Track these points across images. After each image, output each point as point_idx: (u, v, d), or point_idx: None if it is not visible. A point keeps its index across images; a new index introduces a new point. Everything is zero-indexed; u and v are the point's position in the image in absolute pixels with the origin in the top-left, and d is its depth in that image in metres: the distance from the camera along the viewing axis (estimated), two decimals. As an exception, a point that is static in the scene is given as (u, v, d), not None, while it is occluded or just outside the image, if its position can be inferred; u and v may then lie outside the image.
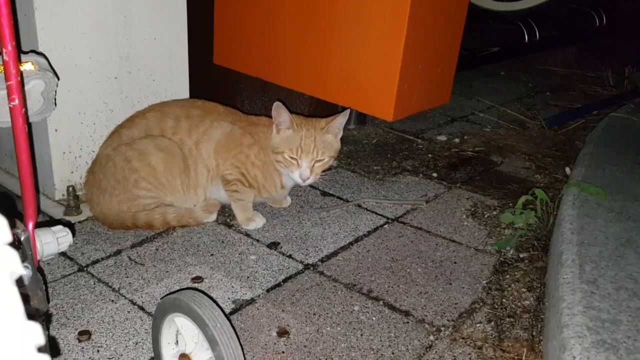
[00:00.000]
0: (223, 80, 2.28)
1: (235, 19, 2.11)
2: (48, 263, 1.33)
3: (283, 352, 1.08)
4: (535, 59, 3.67)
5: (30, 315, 0.71)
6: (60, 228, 0.72)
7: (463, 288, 1.31)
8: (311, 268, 1.37)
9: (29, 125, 0.58)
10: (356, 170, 1.94)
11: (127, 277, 1.30)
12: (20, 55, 1.10)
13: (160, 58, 1.69)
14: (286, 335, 1.13)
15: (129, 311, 1.19)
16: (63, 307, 1.18)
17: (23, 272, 0.32)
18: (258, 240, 1.48)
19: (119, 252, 1.39)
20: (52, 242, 0.70)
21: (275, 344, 1.11)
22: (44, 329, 0.69)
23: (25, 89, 1.05)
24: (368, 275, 1.35)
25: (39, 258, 0.69)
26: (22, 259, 0.64)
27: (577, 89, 3.07)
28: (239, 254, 1.41)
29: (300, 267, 1.37)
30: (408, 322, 1.18)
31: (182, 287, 1.27)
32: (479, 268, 1.40)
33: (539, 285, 1.33)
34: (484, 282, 1.34)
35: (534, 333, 1.16)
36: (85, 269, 1.32)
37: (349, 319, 1.19)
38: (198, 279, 1.30)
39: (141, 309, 1.20)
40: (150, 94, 1.70)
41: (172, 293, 0.92)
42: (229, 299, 1.24)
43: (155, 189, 1.46)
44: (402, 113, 1.86)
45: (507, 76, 3.33)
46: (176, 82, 1.76)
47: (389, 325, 1.17)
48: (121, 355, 1.06)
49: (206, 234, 1.49)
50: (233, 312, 1.20)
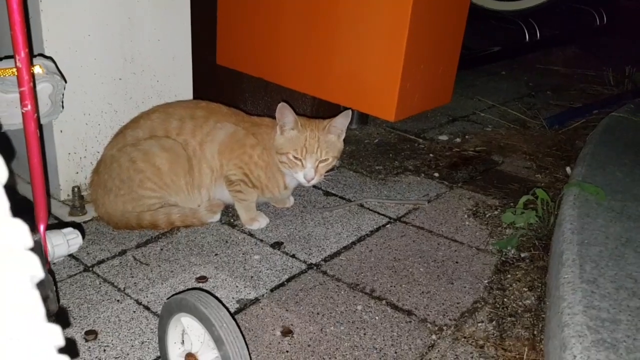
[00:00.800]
0: (226, 81, 2.29)
1: (238, 19, 2.12)
2: (54, 263, 1.34)
3: (287, 352, 1.10)
4: (536, 58, 3.68)
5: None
6: (70, 230, 0.73)
7: (465, 287, 1.33)
8: (314, 268, 1.38)
9: (40, 128, 0.59)
10: (358, 170, 1.95)
11: (133, 277, 1.31)
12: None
13: (164, 59, 1.70)
14: (290, 335, 1.14)
15: (134, 311, 1.20)
16: (69, 307, 1.20)
17: (43, 275, 0.34)
18: (262, 240, 1.49)
19: (124, 252, 1.41)
20: (63, 244, 0.71)
21: (279, 343, 1.12)
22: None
23: (33, 91, 1.07)
24: (371, 274, 1.36)
25: (49, 260, 0.70)
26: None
27: (578, 89, 3.08)
28: (243, 254, 1.42)
29: (303, 267, 1.38)
30: (410, 322, 1.20)
31: (187, 287, 1.29)
32: (480, 267, 1.41)
33: (540, 284, 1.34)
34: (486, 282, 1.36)
35: (535, 332, 1.17)
36: (90, 269, 1.34)
37: (352, 318, 1.20)
38: (202, 279, 1.31)
39: (147, 308, 1.21)
40: (154, 94, 1.71)
41: (178, 293, 0.93)
42: (233, 298, 1.26)
43: (160, 189, 1.47)
44: (404, 113, 1.87)
45: (508, 75, 3.34)
46: (180, 83, 1.78)
47: (391, 324, 1.19)
48: (127, 354, 1.08)
49: (210, 234, 1.51)
50: (237, 312, 1.21)
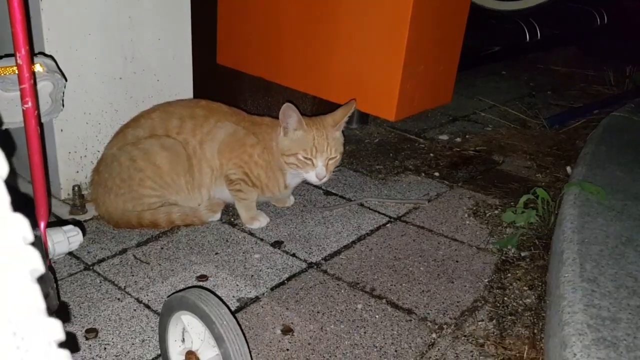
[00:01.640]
0: (226, 81, 2.30)
1: (238, 19, 2.12)
2: (54, 261, 1.34)
3: (287, 350, 1.10)
4: (537, 58, 3.68)
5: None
6: (71, 227, 0.73)
7: (465, 286, 1.33)
8: (315, 267, 1.38)
9: (41, 126, 0.59)
10: (359, 170, 1.95)
11: (133, 276, 1.32)
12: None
13: (164, 58, 1.70)
14: (290, 333, 1.14)
15: (135, 309, 1.20)
16: (70, 305, 1.20)
17: (44, 270, 0.34)
18: (262, 239, 1.49)
19: (124, 251, 1.41)
20: (63, 242, 0.71)
21: (279, 341, 1.12)
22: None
23: (33, 90, 1.07)
24: (371, 273, 1.36)
25: (50, 257, 0.70)
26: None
27: (578, 88, 3.09)
28: (243, 253, 1.42)
29: (303, 266, 1.38)
30: (411, 320, 1.20)
31: (188, 286, 1.29)
32: (480, 267, 1.41)
33: (540, 283, 1.34)
34: (486, 281, 1.36)
35: (535, 331, 1.17)
36: (91, 267, 1.34)
37: (352, 316, 1.20)
38: (203, 278, 1.31)
39: (147, 307, 1.21)
40: (155, 94, 1.71)
41: (179, 291, 0.93)
42: (233, 297, 1.26)
43: (161, 188, 1.48)
44: (405, 113, 1.87)
45: (509, 75, 3.34)
46: (180, 82, 1.78)
47: (391, 323, 1.19)
48: (128, 352, 1.08)
49: (210, 232, 1.51)
50: (238, 310, 1.21)
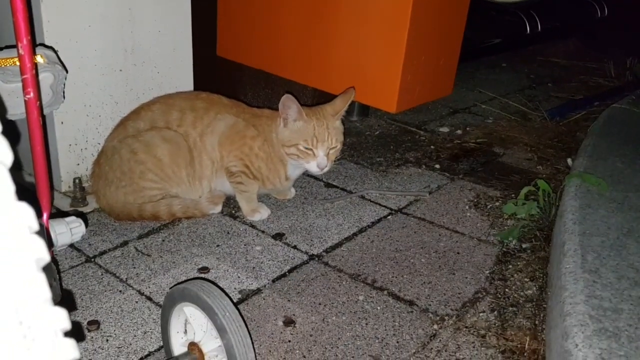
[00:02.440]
0: (227, 73, 2.29)
1: (238, 10, 2.12)
2: (55, 254, 1.34)
3: (289, 341, 1.10)
4: (537, 50, 3.67)
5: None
6: (73, 219, 0.73)
7: (466, 278, 1.33)
8: (316, 259, 1.38)
9: (43, 117, 0.59)
10: (359, 162, 1.95)
11: (135, 268, 1.32)
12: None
13: (164, 50, 1.70)
14: (292, 325, 1.14)
15: (137, 301, 1.20)
16: (73, 294, 1.20)
17: (48, 259, 0.33)
18: (263, 232, 1.49)
19: (125, 243, 1.41)
20: (66, 233, 0.71)
21: (281, 333, 1.12)
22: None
23: (34, 81, 1.06)
24: (372, 265, 1.36)
25: (53, 248, 0.70)
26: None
27: (579, 80, 3.08)
28: (245, 245, 1.42)
29: (305, 258, 1.38)
30: (412, 312, 1.20)
31: (189, 278, 1.29)
32: (482, 258, 1.41)
33: (542, 275, 1.34)
34: (487, 272, 1.36)
35: (537, 322, 1.18)
36: (92, 259, 1.34)
37: (354, 308, 1.20)
38: (204, 270, 1.32)
39: (149, 299, 1.21)
40: (155, 86, 1.71)
41: (181, 283, 0.93)
42: (235, 289, 1.26)
43: (162, 181, 1.47)
44: (405, 105, 1.86)
45: (509, 68, 3.33)
46: (180, 75, 1.77)
47: (393, 314, 1.19)
48: (130, 344, 1.08)
49: (212, 225, 1.51)
50: (240, 302, 1.22)
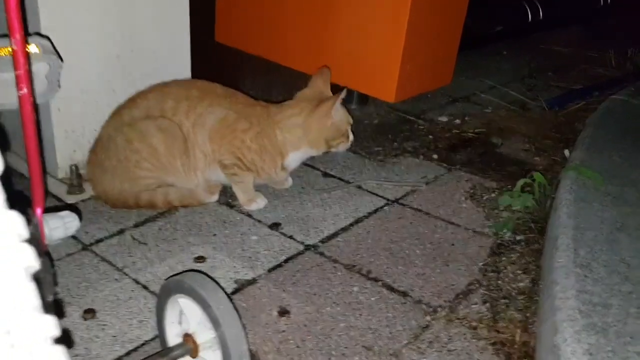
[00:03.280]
0: (225, 60, 2.28)
1: (237, -4, 2.10)
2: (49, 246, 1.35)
3: (284, 331, 1.11)
4: (539, 39, 3.64)
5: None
6: (67, 213, 0.74)
7: (460, 269, 1.34)
8: (312, 249, 1.39)
9: (36, 110, 0.59)
10: (357, 151, 1.95)
11: (131, 256, 1.33)
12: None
13: (162, 36, 1.69)
14: (287, 315, 1.16)
15: (132, 290, 1.21)
16: (68, 286, 1.21)
17: (38, 267, 0.34)
18: (259, 221, 1.50)
19: (122, 232, 1.42)
20: (60, 227, 0.71)
21: (276, 323, 1.14)
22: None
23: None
24: (367, 256, 1.37)
25: (46, 243, 0.71)
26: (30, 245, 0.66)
27: (580, 70, 3.06)
28: (241, 235, 1.43)
29: (301, 248, 1.39)
30: (406, 303, 1.21)
31: (185, 267, 1.30)
32: (476, 250, 1.42)
33: (535, 267, 1.35)
34: (481, 264, 1.37)
35: (528, 315, 1.19)
36: (89, 247, 1.35)
37: (348, 299, 1.22)
38: (200, 259, 1.33)
39: (145, 287, 1.23)
40: (152, 72, 1.70)
41: (176, 275, 0.94)
42: (231, 278, 1.27)
43: (157, 170, 1.48)
44: (404, 94, 1.86)
45: (510, 56, 3.31)
46: (178, 61, 1.76)
47: (387, 305, 1.20)
48: (126, 333, 1.10)
49: (208, 214, 1.51)
50: (235, 292, 1.23)
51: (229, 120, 1.50)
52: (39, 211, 0.68)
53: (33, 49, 1.07)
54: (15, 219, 0.35)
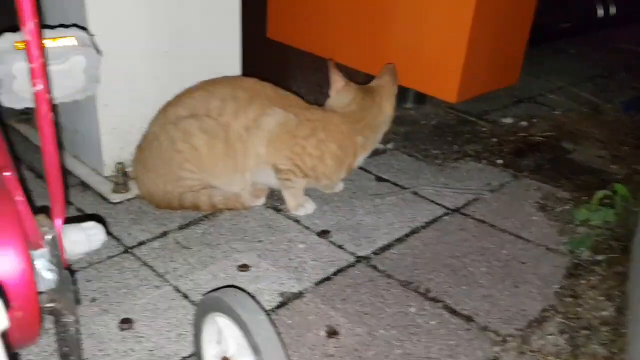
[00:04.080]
0: (275, 56, 2.19)
1: (291, -10, 2.01)
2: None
3: (332, 355, 1.01)
4: (609, 36, 3.38)
5: (60, 321, 0.65)
6: (92, 225, 0.66)
7: (532, 293, 1.19)
8: (363, 261, 1.28)
9: (55, 111, 0.52)
10: (413, 154, 1.82)
11: (172, 262, 1.25)
12: (60, 30, 1.04)
13: (212, 32, 1.61)
14: (335, 336, 1.05)
15: (172, 299, 1.14)
16: (106, 291, 1.14)
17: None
18: (307, 228, 1.40)
19: (165, 234, 1.35)
20: (83, 241, 0.64)
21: (323, 345, 1.03)
22: (75, 335, 0.64)
23: (65, 65, 1.00)
24: (426, 272, 1.25)
25: (66, 258, 0.63)
26: (49, 260, 0.58)
27: (657, 70, 2.81)
28: (287, 242, 1.33)
29: (351, 260, 1.28)
30: (470, 329, 1.08)
31: (228, 275, 1.21)
32: (549, 270, 1.27)
33: (619, 293, 1.19)
34: (556, 287, 1.22)
35: (614, 350, 1.03)
36: (130, 250, 1.28)
37: (404, 321, 1.10)
38: (244, 267, 1.24)
39: (185, 297, 1.15)
40: (201, 69, 1.62)
41: (216, 290, 0.85)
42: (275, 290, 1.17)
43: (200, 172, 1.40)
44: (466, 94, 1.72)
45: (578, 54, 3.09)
46: (228, 57, 1.68)
47: (448, 331, 1.07)
48: (163, 347, 1.02)
49: (254, 218, 1.42)
50: (280, 306, 1.13)
51: (289, 126, 1.40)
52: (58, 222, 0.60)
53: (69, 41, 1.00)
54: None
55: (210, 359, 0.89)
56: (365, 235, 1.37)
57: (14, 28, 1.02)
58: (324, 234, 1.37)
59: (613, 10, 3.38)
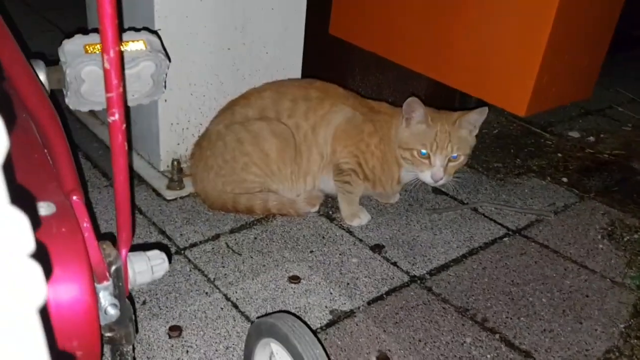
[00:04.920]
0: (335, 54, 2.15)
1: (357, -13, 1.95)
2: (146, 240, 1.30)
3: (382, 384, 0.97)
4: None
5: (117, 349, 0.64)
6: (156, 254, 0.64)
7: (596, 330, 1.13)
8: (418, 281, 1.23)
9: (129, 142, 0.50)
10: (474, 166, 1.75)
11: (223, 267, 1.24)
12: (131, 34, 1.02)
13: (275, 29, 1.58)
14: (387, 363, 1.01)
15: (222, 308, 1.12)
16: (157, 294, 1.14)
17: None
18: (361, 240, 1.36)
19: (217, 237, 1.33)
20: (146, 271, 0.62)
21: (374, 371, 1.00)
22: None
23: (134, 70, 0.99)
24: (483, 299, 1.19)
25: (130, 287, 0.62)
26: (113, 294, 0.56)
27: None
28: (340, 255, 1.30)
29: (405, 279, 1.24)
30: (529, 368, 1.03)
31: (279, 287, 1.19)
32: (615, 306, 1.20)
33: (694, 341, 1.11)
34: (622, 326, 1.14)
35: (687, 407, 0.96)
36: (182, 252, 1.28)
37: (459, 352, 1.05)
38: (295, 279, 1.21)
39: (235, 306, 1.13)
40: (262, 67, 1.60)
41: (271, 314, 0.83)
42: (326, 307, 1.14)
43: (265, 176, 1.38)
44: (536, 108, 1.63)
45: (654, 64, 2.91)
46: (290, 55, 1.65)
47: (505, 368, 1.02)
48: (210, 359, 1.00)
49: (307, 226, 1.40)
50: (330, 324, 1.10)
51: (356, 121, 1.38)
52: (124, 252, 0.59)
53: (139, 45, 0.99)
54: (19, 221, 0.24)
55: (259, 381, 0.87)
56: (421, 253, 1.33)
57: (84, 30, 1.02)
58: (377, 248, 1.33)
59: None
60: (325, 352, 0.75)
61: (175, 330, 1.05)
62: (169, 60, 1.08)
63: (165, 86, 1.09)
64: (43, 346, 0.26)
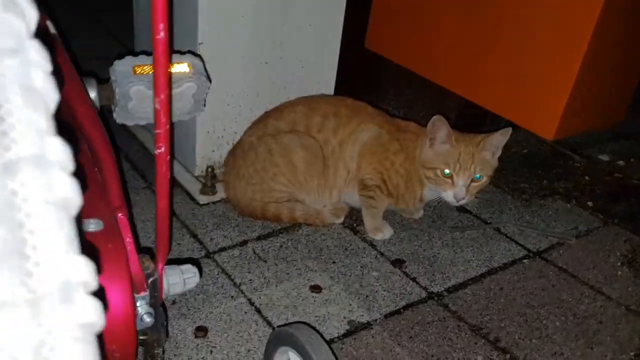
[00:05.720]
0: (370, 66, 2.20)
1: (394, 3, 2.00)
2: (179, 243, 1.38)
3: (393, 396, 1.03)
4: None
5: (149, 351, 0.71)
6: (189, 268, 0.71)
7: (606, 357, 1.15)
8: (435, 298, 1.28)
9: (171, 171, 0.56)
10: (500, 185, 1.77)
11: (249, 273, 1.31)
12: (176, 56, 1.10)
13: (312, 45, 1.64)
14: (399, 376, 1.06)
15: (246, 312, 1.19)
16: (186, 296, 1.22)
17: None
18: (382, 254, 1.41)
19: (245, 243, 1.40)
20: (179, 284, 0.69)
21: (386, 383, 1.05)
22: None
23: (178, 90, 1.06)
24: (497, 319, 1.23)
25: (164, 297, 0.69)
26: (149, 303, 0.64)
27: None
28: (361, 267, 1.36)
29: (423, 295, 1.28)
30: (536, 391, 1.06)
31: (300, 295, 1.25)
32: (627, 333, 1.22)
33: None
34: (632, 354, 1.17)
35: None
36: (211, 255, 1.35)
37: (470, 370, 1.09)
38: (316, 289, 1.27)
39: (258, 311, 1.20)
40: (297, 80, 1.67)
41: (291, 324, 0.89)
42: (344, 317, 1.20)
43: (292, 186, 1.45)
44: (565, 132, 1.66)
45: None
46: (324, 70, 1.71)
47: (513, 389, 1.06)
48: (233, 360, 1.07)
49: (331, 236, 1.45)
50: (347, 335, 1.16)
51: (382, 139, 1.43)
52: (160, 266, 0.65)
53: (184, 67, 1.06)
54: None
55: (277, 385, 0.93)
56: (441, 270, 1.37)
57: (135, 53, 1.11)
58: (398, 263, 1.38)
59: None
60: (339, 364, 0.81)
61: (201, 331, 1.12)
62: (210, 81, 1.15)
63: (205, 104, 1.16)
64: None
